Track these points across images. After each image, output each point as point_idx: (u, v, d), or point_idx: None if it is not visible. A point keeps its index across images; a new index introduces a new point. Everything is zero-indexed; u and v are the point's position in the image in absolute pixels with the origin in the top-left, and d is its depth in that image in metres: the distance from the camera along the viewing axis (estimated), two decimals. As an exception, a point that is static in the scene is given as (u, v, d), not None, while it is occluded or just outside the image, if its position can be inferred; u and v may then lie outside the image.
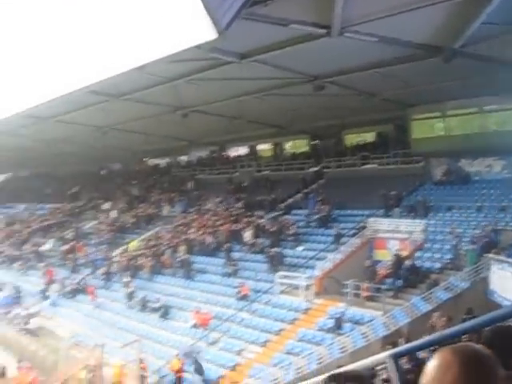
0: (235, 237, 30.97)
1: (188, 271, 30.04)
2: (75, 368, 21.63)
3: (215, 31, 11.39)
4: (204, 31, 12.73)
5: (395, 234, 25.54)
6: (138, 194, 45.12)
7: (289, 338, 22.75)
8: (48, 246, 42.80)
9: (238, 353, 23.15)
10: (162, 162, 51.70)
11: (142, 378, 21.53)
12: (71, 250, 38.97)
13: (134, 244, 35.73)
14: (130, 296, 29.99)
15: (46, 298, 34.85)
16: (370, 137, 36.66)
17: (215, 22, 11.10)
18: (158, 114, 31.89)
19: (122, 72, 22.52)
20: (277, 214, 31.64)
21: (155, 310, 28.10)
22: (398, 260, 23.41)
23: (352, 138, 37.15)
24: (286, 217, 30.93)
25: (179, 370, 21.72)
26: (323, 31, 17.43)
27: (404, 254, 23.93)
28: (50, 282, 36.39)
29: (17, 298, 36.01)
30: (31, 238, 46.29)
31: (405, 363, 10.35)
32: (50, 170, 62.03)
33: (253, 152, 42.88)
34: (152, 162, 52.96)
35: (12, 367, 25.52)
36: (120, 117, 32.93)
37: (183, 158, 49.08)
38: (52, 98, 28.61)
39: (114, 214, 42.68)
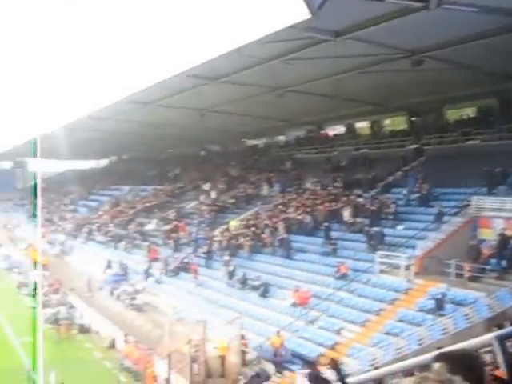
0: (334, 216, 30.86)
1: (287, 250, 30.27)
2: (179, 343, 22.37)
3: (309, 11, 11.45)
4: (298, 11, 12.82)
5: (500, 213, 24.58)
6: (237, 175, 45.81)
7: (388, 319, 22.53)
8: (151, 225, 44.32)
9: (337, 332, 23.15)
10: (260, 142, 52.19)
11: (243, 353, 22.02)
12: (174, 230, 40.11)
13: (234, 223, 36.32)
14: (231, 274, 30.60)
15: (150, 275, 36.15)
16: (471, 112, 35.43)
17: (309, 2, 11.15)
18: (255, 95, 32.17)
19: (220, 55, 23.01)
20: (376, 192, 31.27)
21: (255, 288, 28.53)
22: (504, 240, 22.52)
23: (453, 114, 36.01)
24: (386, 195, 30.51)
25: (279, 347, 22.00)
26: (420, 4, 17.01)
27: (509, 233, 23.04)
28: (154, 260, 37.75)
29: (123, 276, 37.59)
30: (135, 218, 48.07)
31: (511, 346, 10.08)
32: (152, 153, 63.95)
33: (350, 130, 42.51)
34: (250, 142, 53.56)
35: (120, 340, 26.86)
36: (218, 99, 33.49)
37: (281, 138, 49.34)
38: (153, 84, 29.64)
39: (213, 194, 43.53)
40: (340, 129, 43.99)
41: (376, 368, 16.82)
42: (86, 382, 20.55)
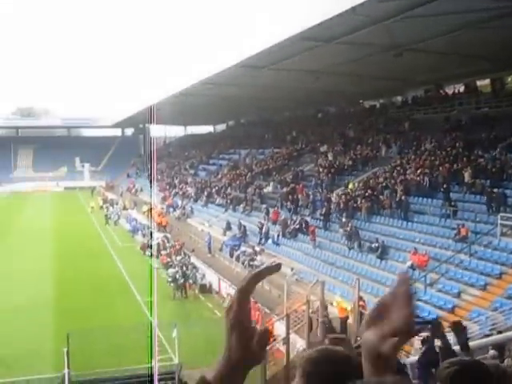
0: (453, 177, 29.99)
1: (405, 212, 29.80)
2: (297, 303, 22.73)
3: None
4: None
5: None
6: (354, 136, 45.36)
7: (510, 283, 21.82)
8: (269, 188, 44.92)
9: (457, 295, 22.74)
10: (377, 103, 51.29)
11: (361, 315, 22.07)
12: (291, 192, 40.43)
13: (352, 185, 36.12)
14: (348, 236, 30.60)
15: (269, 237, 36.80)
16: None
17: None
18: (371, 55, 31.52)
19: (335, 15, 22.75)
20: (497, 152, 29.99)
21: (373, 250, 28.41)
22: None
23: None
24: (508, 155, 29.20)
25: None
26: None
27: None
28: (273, 222, 38.35)
29: (243, 237, 38.52)
30: (254, 181, 48.86)
31: None
32: (269, 116, 64.42)
33: (471, 89, 40.82)
34: (367, 103, 52.76)
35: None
36: (333, 61, 33.10)
37: (398, 99, 48.24)
38: (267, 47, 29.79)
39: (330, 156, 43.39)
40: (459, 87, 42.35)
41: (499, 332, 16.43)
42: (207, 340, 21.36)
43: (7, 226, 55.66)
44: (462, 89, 41.90)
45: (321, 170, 41.79)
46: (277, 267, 1.54)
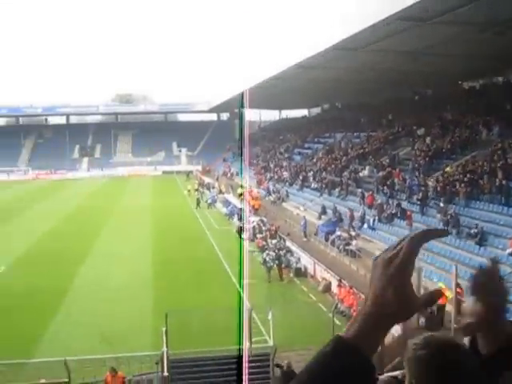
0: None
1: (506, 197, 28.67)
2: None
3: None
4: None
5: None
6: (452, 119, 43.98)
7: None
8: (365, 172, 44.38)
9: None
10: (477, 84, 49.46)
11: (459, 302, 21.49)
12: (387, 176, 39.79)
13: (450, 169, 35.10)
14: (446, 222, 29.79)
15: (364, 221, 36.42)
16: None
17: None
18: (470, 34, 30.35)
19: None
20: None
21: (471, 236, 27.54)
22: None
23: None
24: None
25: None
26: None
27: None
28: (369, 206, 37.90)
29: (338, 222, 38.29)
30: (349, 165, 48.40)
31: None
32: (364, 99, 63.49)
33: None
34: (466, 84, 50.99)
35: (334, 284, 27.57)
36: (431, 41, 32.11)
37: (499, 79, 46.34)
38: (362, 28, 29.32)
39: (428, 139, 42.31)
40: None
41: None
42: (301, 323, 21.44)
43: (108, 209, 57.93)
44: None
45: (418, 153, 40.85)
46: (444, 232, 1.52)
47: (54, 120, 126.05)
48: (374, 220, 35.70)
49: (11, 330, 23.02)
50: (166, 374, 16.68)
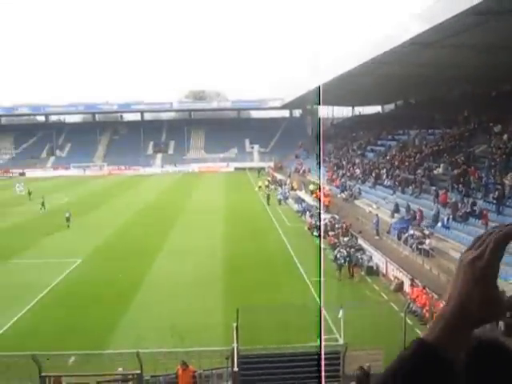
0: None
1: None
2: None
3: None
4: None
5: None
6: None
7: None
8: (440, 170, 43.46)
9: None
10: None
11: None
12: (463, 174, 38.85)
13: (529, 167, 34.01)
14: (524, 221, 28.86)
15: (438, 220, 35.69)
16: None
17: None
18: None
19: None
20: None
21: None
22: None
23: None
24: None
25: None
26: None
27: None
28: (443, 204, 37.11)
29: (411, 220, 37.67)
30: (423, 162, 47.49)
31: None
32: (439, 95, 62.20)
33: None
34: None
35: (406, 284, 27.19)
36: (507, 34, 31.13)
37: None
38: (437, 23, 28.73)
39: (505, 136, 41.07)
40: None
41: None
42: (372, 322, 21.24)
43: (181, 204, 59.00)
44: None
45: (494, 151, 39.71)
46: None
47: (128, 117, 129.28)
48: (448, 219, 34.91)
49: (87, 320, 23.88)
50: (235, 369, 16.86)
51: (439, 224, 35.37)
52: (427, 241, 32.83)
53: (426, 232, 34.13)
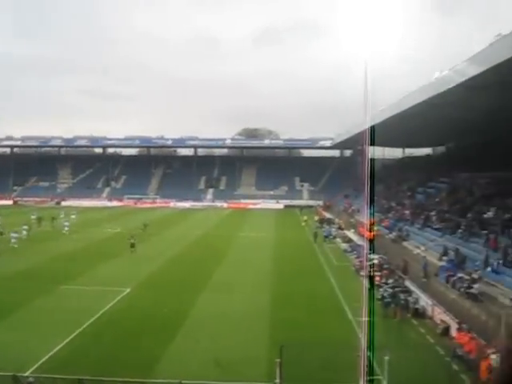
0: None
1: None
2: None
3: None
4: None
5: None
6: None
7: None
8: (490, 213, 42.87)
9: None
10: None
11: None
12: (514, 218, 38.34)
13: None
14: None
15: (487, 264, 35.13)
16: None
17: None
18: None
19: None
20: None
21: None
22: None
23: None
24: None
25: None
26: None
27: None
28: (493, 249, 36.55)
29: (460, 263, 37.16)
30: (474, 205, 46.94)
31: None
32: (491, 138, 61.50)
33: None
34: None
35: (453, 328, 26.78)
36: None
37: None
38: (491, 66, 28.71)
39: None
40: None
41: None
42: (417, 365, 21.00)
43: (230, 239, 59.50)
44: None
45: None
46: None
47: (182, 152, 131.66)
48: (498, 263, 34.36)
49: (133, 349, 24.24)
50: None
51: (489, 268, 34.81)
52: (476, 285, 32.33)
53: (475, 276, 33.62)
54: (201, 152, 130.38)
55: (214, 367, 21.47)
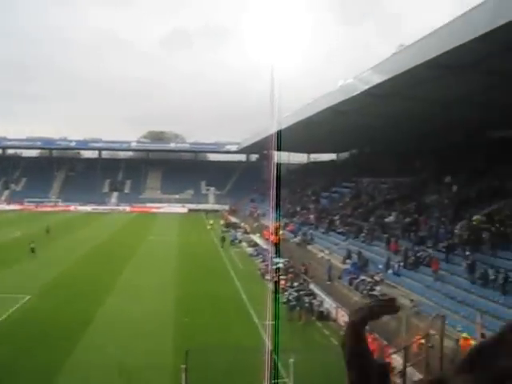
0: None
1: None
2: (416, 336, 22.23)
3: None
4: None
5: None
6: (480, 168, 43.71)
7: None
8: (391, 218, 44.22)
9: None
10: (506, 133, 49.23)
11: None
12: (414, 223, 39.64)
13: (477, 218, 34.81)
14: (472, 270, 29.50)
15: (389, 267, 36.18)
16: None
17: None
18: (501, 83, 30.35)
19: (464, 43, 22.30)
20: None
21: (496, 285, 27.20)
22: None
23: None
24: None
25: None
26: None
27: None
28: (394, 252, 37.69)
29: (363, 266, 38.12)
30: (375, 210, 48.30)
31: None
32: (393, 145, 63.55)
33: None
34: (496, 134, 50.77)
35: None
36: (461, 89, 32.17)
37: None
38: (393, 75, 29.60)
39: (455, 187, 42.13)
40: None
41: None
42: (322, 367, 21.25)
43: (134, 243, 58.46)
44: None
45: (445, 201, 40.70)
46: (395, 310, 1.50)
47: (86, 154, 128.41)
48: (399, 266, 35.47)
49: (34, 358, 23.23)
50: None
51: (390, 271, 35.85)
52: (378, 287, 33.21)
53: (377, 278, 34.54)
54: (105, 154, 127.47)
55: (118, 375, 20.92)
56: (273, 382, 19.08)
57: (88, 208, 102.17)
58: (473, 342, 21.86)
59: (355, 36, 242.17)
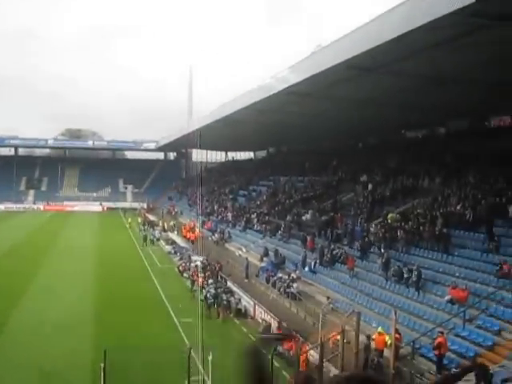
0: (497, 211, 29.33)
1: (445, 245, 29.31)
2: (332, 332, 22.55)
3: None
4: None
5: None
6: (394, 167, 44.95)
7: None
8: (308, 216, 44.77)
9: (497, 333, 22.08)
10: (420, 134, 50.86)
11: (397, 348, 21.73)
12: (330, 221, 40.26)
13: (391, 216, 35.73)
14: (386, 267, 30.22)
15: (305, 265, 36.62)
16: None
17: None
18: (415, 85, 31.22)
19: (379, 44, 22.74)
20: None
21: (410, 282, 27.97)
22: None
23: None
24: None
25: (440, 347, 21.18)
26: None
27: None
28: (310, 249, 38.17)
29: (279, 264, 38.42)
30: (292, 208, 48.79)
31: None
32: (310, 144, 64.44)
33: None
34: (409, 134, 52.36)
35: (274, 326, 27.50)
36: (376, 90, 32.87)
37: (441, 130, 47.73)
38: (310, 75, 29.89)
39: (370, 186, 43.11)
40: (506, 119, 41.63)
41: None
42: (240, 363, 21.26)
43: (51, 243, 56.81)
44: (508, 121, 41.15)
45: (360, 199, 41.57)
46: (288, 336, 1.48)
47: (2, 151, 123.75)
48: (315, 263, 35.95)
49: None
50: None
51: (306, 268, 36.29)
52: (294, 284, 33.54)
53: (294, 276, 34.88)
54: (22, 152, 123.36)
55: (37, 377, 20.30)
56: (192, 379, 19.01)
57: (1, 207, 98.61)
58: (387, 338, 22.41)
59: (278, 36, 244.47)
